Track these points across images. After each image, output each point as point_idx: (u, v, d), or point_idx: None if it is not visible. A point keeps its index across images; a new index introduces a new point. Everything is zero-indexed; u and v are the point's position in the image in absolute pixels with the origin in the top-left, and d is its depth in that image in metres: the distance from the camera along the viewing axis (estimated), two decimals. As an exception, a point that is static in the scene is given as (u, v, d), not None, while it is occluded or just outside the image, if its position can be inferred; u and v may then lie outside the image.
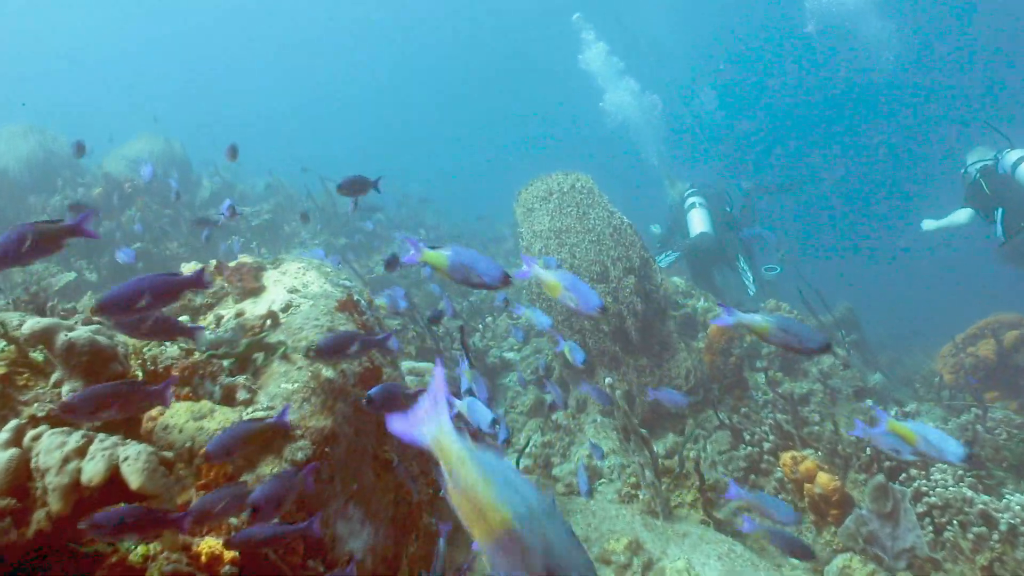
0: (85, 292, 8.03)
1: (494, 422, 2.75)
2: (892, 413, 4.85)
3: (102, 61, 46.50)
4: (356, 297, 2.81)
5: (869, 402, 5.50)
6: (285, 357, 2.28)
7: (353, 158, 32.97)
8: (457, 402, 2.95)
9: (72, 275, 6.57)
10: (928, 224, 7.50)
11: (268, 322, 2.44)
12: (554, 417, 5.67)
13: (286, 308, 2.53)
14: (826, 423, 5.55)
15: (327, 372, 2.29)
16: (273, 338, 2.37)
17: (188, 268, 2.78)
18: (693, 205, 8.34)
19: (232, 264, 2.75)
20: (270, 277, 2.78)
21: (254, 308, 2.60)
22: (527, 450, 5.23)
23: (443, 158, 42.12)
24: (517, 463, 4.16)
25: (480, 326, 7.40)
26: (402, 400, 2.14)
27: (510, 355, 6.80)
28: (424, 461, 2.67)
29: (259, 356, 2.30)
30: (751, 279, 8.35)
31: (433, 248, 2.07)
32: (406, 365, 4.10)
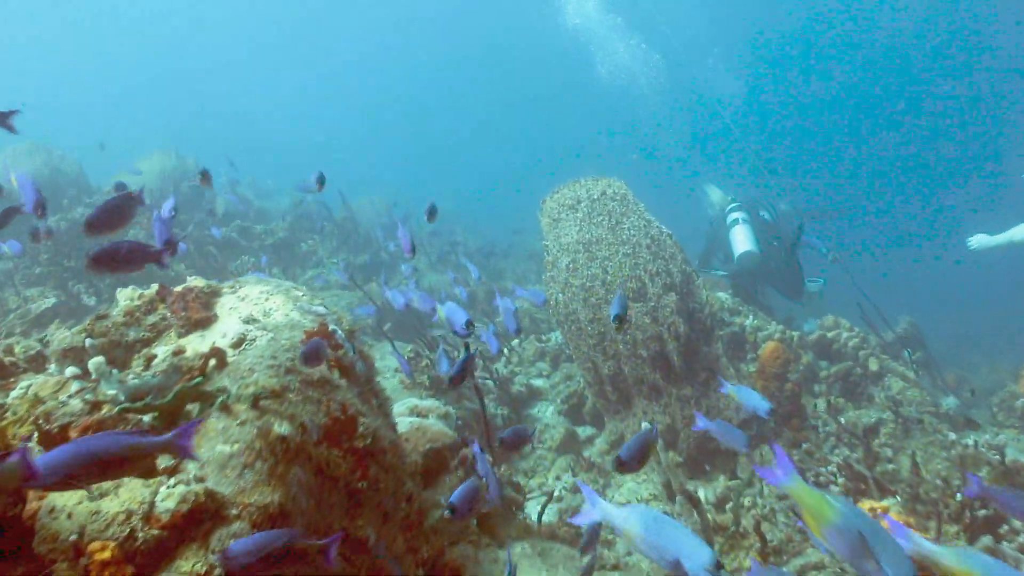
0: (83, 316, 7.70)
1: (469, 323, 3.00)
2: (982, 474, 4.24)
3: (116, 80, 47.17)
4: (332, 327, 2.32)
5: (970, 440, 4.83)
6: (226, 409, 1.80)
7: (385, 174, 32.85)
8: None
9: (51, 301, 6.19)
10: (979, 241, 6.79)
11: (212, 362, 1.96)
12: (587, 454, 5.13)
13: (238, 343, 2.06)
14: (900, 458, 4.95)
15: (279, 427, 1.80)
16: (215, 384, 1.89)
17: (124, 295, 2.32)
18: (736, 221, 7.83)
19: (178, 289, 2.28)
20: (224, 304, 2.30)
21: (200, 344, 2.12)
22: (556, 493, 4.70)
23: (478, 170, 42.04)
24: (541, 514, 3.63)
25: (505, 350, 6.90)
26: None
27: (538, 382, 6.28)
28: (413, 535, 2.17)
29: (193, 408, 1.82)
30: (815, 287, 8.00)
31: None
32: (407, 403, 3.59)
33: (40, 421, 1.69)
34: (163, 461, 1.67)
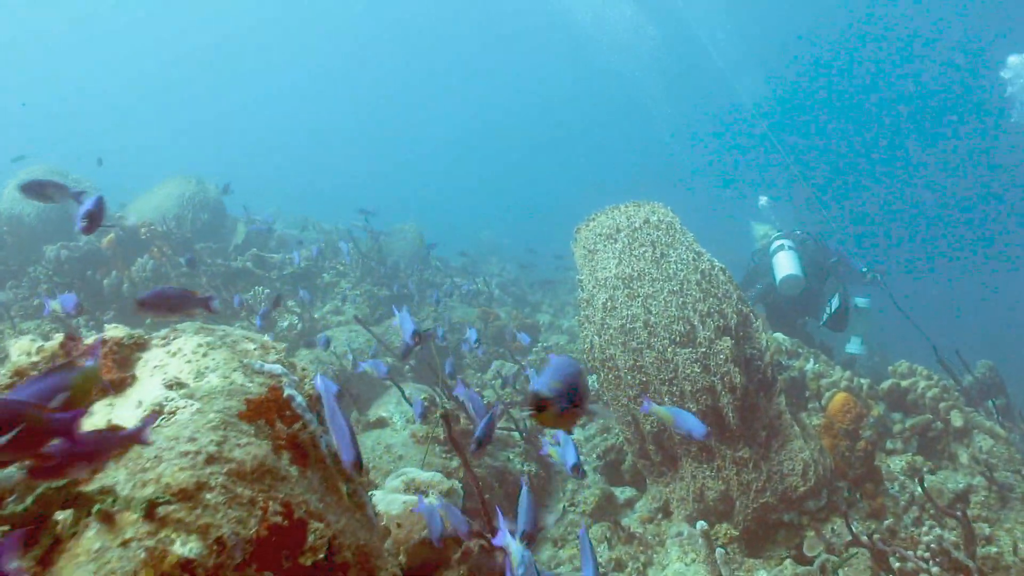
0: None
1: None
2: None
3: (134, 103, 48.10)
4: (288, 392, 1.82)
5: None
6: (107, 519, 1.29)
7: (416, 205, 32.75)
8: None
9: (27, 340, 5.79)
10: None
11: (107, 446, 1.46)
12: (623, 522, 4.55)
13: (152, 418, 1.57)
14: (999, 535, 4.30)
15: (182, 547, 1.29)
16: (103, 480, 1.40)
17: (18, 347, 1.85)
18: (781, 247, 7.46)
19: (90, 340, 1.81)
20: (149, 362, 1.82)
21: (107, 417, 1.64)
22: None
23: (522, 195, 42.00)
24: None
25: (536, 394, 6.35)
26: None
27: (574, 432, 5.72)
28: None
29: (65, 517, 1.32)
30: (859, 341, 7.77)
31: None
32: (403, 475, 3.06)
33: None
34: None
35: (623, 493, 4.89)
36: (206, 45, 47.30)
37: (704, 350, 4.08)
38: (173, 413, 1.60)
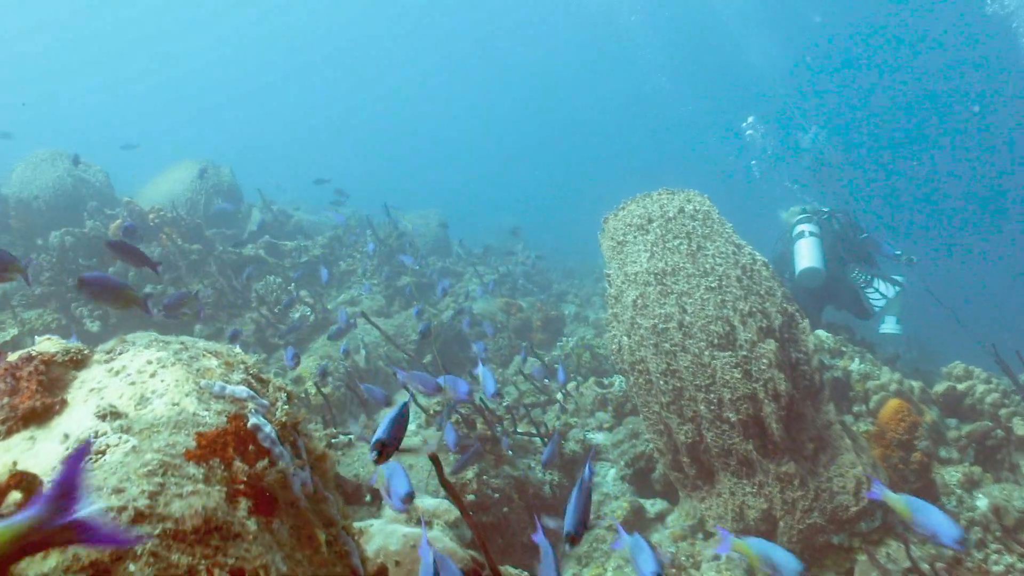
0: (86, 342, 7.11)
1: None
2: None
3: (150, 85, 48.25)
4: (254, 422, 1.52)
5: None
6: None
7: (438, 192, 32.55)
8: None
9: (13, 331, 5.58)
10: None
11: (12, 498, 1.18)
12: (654, 539, 4.24)
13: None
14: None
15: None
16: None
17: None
18: (803, 234, 7.08)
19: (13, 357, 1.52)
20: (86, 383, 1.53)
21: (23, 454, 1.35)
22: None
23: (549, 181, 41.71)
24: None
25: (560, 395, 6.04)
26: None
27: (598, 438, 5.42)
28: None
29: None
30: (894, 320, 7.38)
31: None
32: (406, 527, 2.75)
33: None
34: None
35: (654, 506, 4.57)
36: (227, 30, 47.37)
37: (745, 353, 3.75)
38: (101, 453, 1.31)
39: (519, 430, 4.92)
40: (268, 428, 1.59)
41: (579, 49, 43.60)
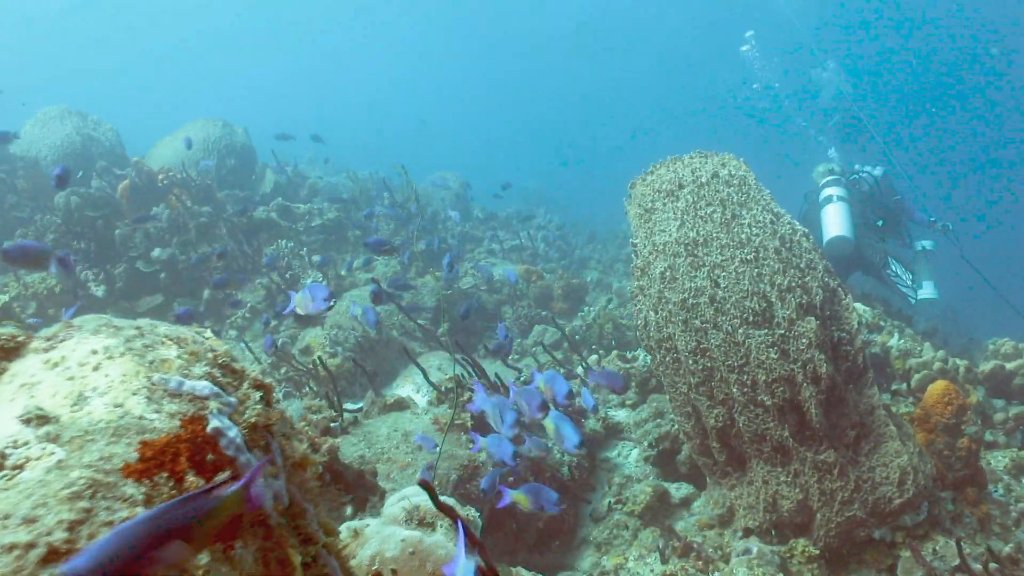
0: (90, 309, 6.99)
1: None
2: None
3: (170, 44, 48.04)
4: (214, 426, 1.29)
5: None
6: None
7: (465, 156, 32.25)
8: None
9: (4, 297, 5.40)
10: None
11: None
12: (678, 527, 4.02)
13: (-13, 476, 1.07)
14: None
15: None
16: None
17: None
18: (830, 199, 6.84)
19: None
20: (17, 376, 1.31)
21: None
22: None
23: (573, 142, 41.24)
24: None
25: (581, 366, 5.81)
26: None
27: (620, 415, 5.19)
28: None
29: None
30: (912, 286, 7.12)
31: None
32: (411, 499, 2.51)
33: None
34: None
35: (679, 490, 4.35)
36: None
37: (783, 332, 3.48)
38: (19, 468, 1.09)
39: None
40: (233, 432, 1.36)
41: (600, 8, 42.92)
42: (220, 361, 1.56)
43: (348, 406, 5.64)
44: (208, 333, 1.69)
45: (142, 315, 7.43)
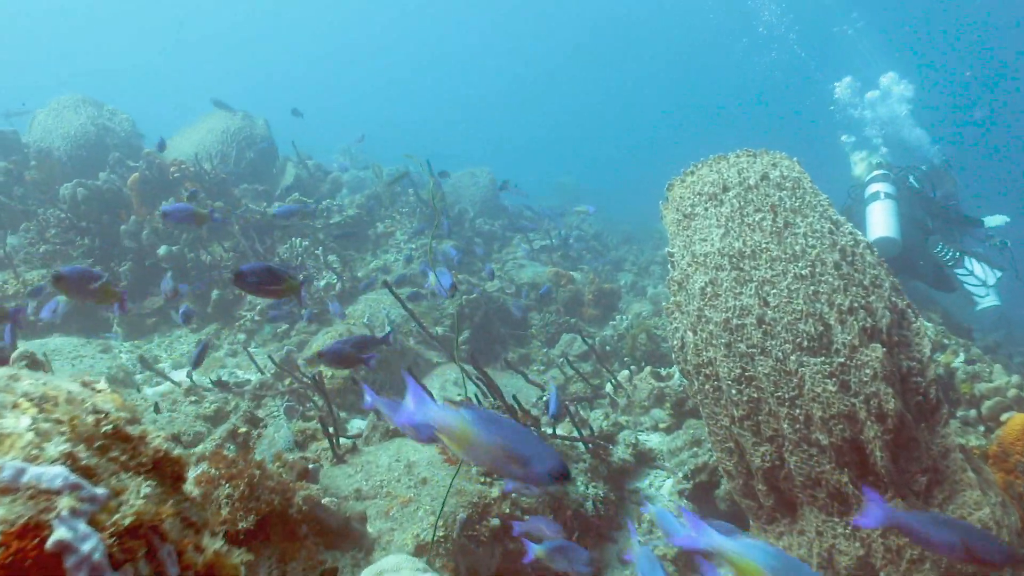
0: (88, 317, 6.71)
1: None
2: None
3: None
4: (59, 538, 0.90)
5: None
6: None
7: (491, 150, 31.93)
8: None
9: None
10: None
11: None
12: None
13: None
14: None
15: None
16: None
17: None
18: (876, 196, 6.38)
19: None
20: None
21: None
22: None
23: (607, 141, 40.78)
24: None
25: (610, 383, 5.39)
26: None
27: (652, 440, 4.76)
28: None
29: None
30: (987, 283, 6.61)
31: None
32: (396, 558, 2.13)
33: None
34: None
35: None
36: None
37: (843, 360, 3.04)
38: None
39: (558, 433, 4.28)
40: (88, 545, 0.96)
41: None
42: (104, 428, 1.17)
43: (357, 421, 5.29)
44: (102, 383, 1.31)
45: (147, 316, 7.16)
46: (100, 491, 1.04)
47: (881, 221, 6.24)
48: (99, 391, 1.27)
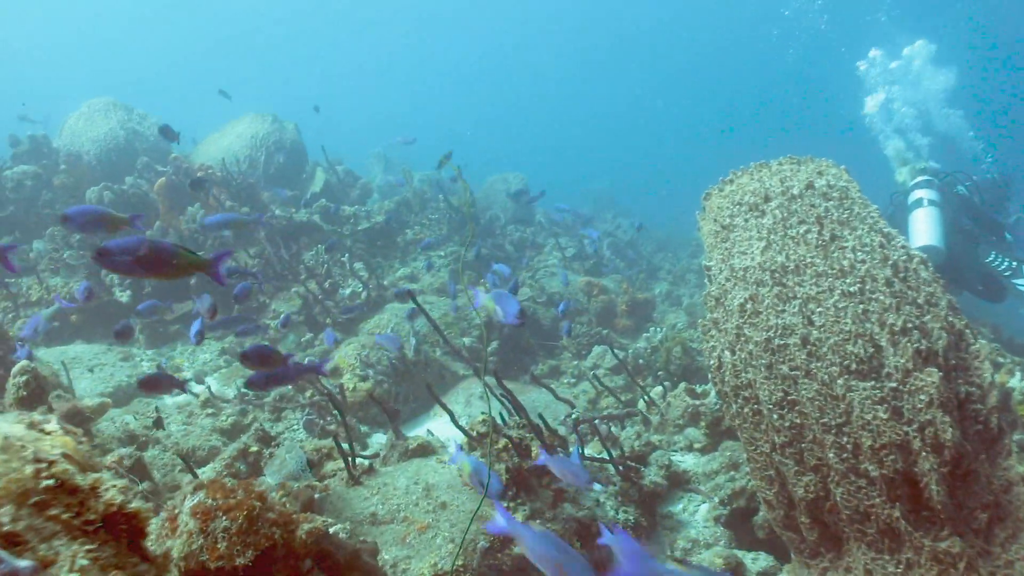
0: (115, 315, 6.63)
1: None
2: None
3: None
4: None
5: None
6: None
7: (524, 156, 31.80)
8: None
9: None
10: None
11: None
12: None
13: None
14: None
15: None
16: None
17: None
18: (920, 202, 6.12)
19: None
20: None
21: None
22: None
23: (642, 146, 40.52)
24: None
25: (642, 399, 5.18)
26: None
27: (687, 461, 4.55)
28: None
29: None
30: None
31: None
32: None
33: None
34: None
35: (755, 562, 3.70)
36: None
37: (895, 385, 2.82)
38: None
39: (587, 452, 4.09)
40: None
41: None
42: (44, 482, 1.01)
43: (379, 436, 5.13)
44: (52, 424, 1.15)
45: (170, 322, 7.08)
46: (23, 564, 0.88)
47: (924, 229, 6.00)
48: (48, 433, 1.11)
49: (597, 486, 3.51)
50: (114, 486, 1.12)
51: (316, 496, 2.69)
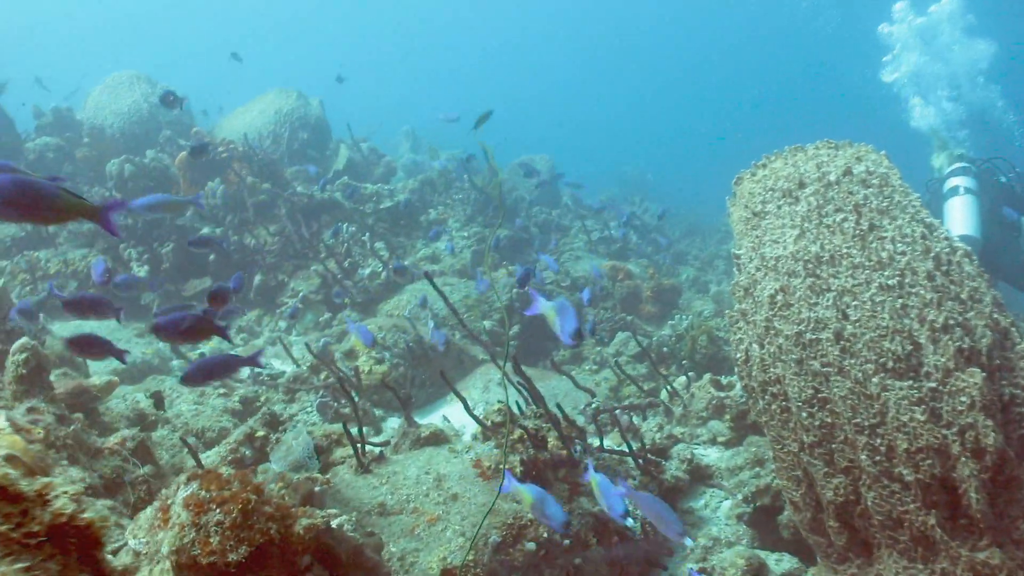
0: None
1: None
2: None
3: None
4: None
5: None
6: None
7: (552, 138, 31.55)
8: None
9: None
10: None
11: None
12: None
13: None
14: None
15: None
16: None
17: None
18: (956, 191, 5.90)
19: None
20: None
21: None
22: None
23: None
24: None
25: (665, 389, 5.04)
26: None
27: (710, 455, 4.41)
28: None
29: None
30: None
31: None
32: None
33: None
34: None
35: (779, 563, 3.56)
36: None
37: (934, 386, 2.66)
38: None
39: (606, 445, 3.97)
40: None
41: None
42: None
43: (393, 420, 5.04)
44: (1, 421, 1.04)
45: (188, 299, 7.02)
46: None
47: (960, 218, 5.79)
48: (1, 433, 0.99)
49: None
50: (65, 492, 1.00)
51: (317, 489, 2.60)
